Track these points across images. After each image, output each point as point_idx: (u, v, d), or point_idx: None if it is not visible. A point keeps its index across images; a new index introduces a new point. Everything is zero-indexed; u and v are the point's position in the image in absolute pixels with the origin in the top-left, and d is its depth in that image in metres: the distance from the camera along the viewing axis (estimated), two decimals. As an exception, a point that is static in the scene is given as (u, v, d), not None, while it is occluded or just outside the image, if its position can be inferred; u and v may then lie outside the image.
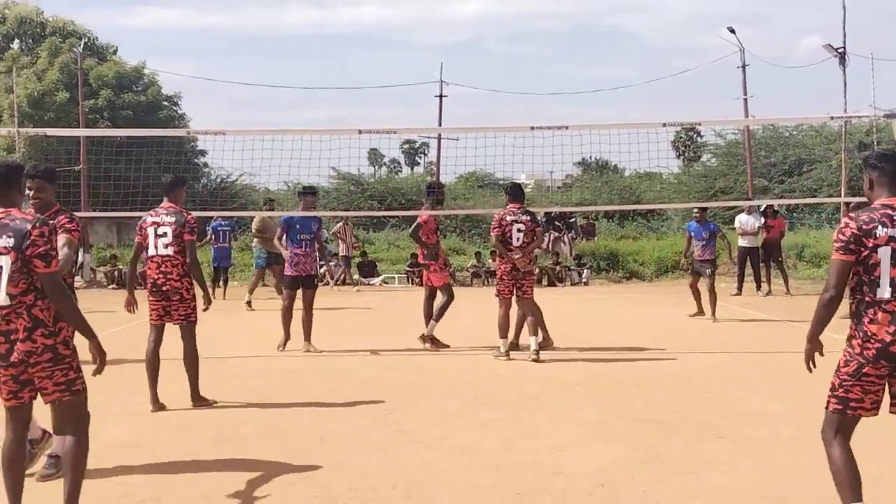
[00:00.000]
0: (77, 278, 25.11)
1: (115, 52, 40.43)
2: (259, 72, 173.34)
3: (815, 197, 31.20)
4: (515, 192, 11.74)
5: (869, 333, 4.79)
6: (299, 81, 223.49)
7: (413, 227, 12.78)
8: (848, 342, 4.93)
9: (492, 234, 11.62)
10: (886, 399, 4.94)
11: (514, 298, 11.45)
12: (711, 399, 8.94)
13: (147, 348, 8.66)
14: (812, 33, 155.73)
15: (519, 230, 11.33)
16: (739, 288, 20.27)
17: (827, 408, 4.97)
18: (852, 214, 4.95)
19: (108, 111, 35.46)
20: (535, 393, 9.32)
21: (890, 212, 4.83)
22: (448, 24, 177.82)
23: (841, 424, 4.91)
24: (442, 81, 27.66)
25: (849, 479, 4.83)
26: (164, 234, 8.68)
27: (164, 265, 8.65)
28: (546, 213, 25.42)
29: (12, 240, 4.97)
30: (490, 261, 25.52)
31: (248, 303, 17.49)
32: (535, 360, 10.98)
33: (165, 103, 39.23)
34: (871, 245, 4.77)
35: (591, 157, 48.87)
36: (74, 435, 5.18)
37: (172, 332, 8.81)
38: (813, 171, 33.96)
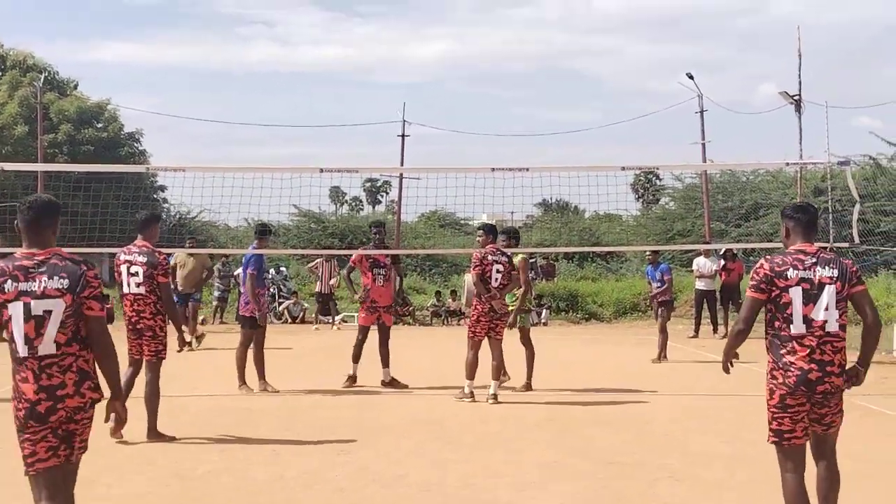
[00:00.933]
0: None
1: (75, 87, 40.22)
2: (223, 108, 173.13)
3: (771, 241, 31.57)
4: (495, 231, 11.68)
5: (788, 363, 5.25)
6: (263, 118, 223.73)
7: (347, 268, 12.96)
8: (770, 375, 5.35)
9: (472, 272, 11.38)
10: None
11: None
12: (669, 441, 9.00)
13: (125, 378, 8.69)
14: (769, 80, 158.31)
15: (498, 271, 11.19)
16: (696, 330, 20.45)
17: (769, 441, 5.41)
18: (768, 257, 5.41)
19: (67, 146, 35.18)
20: (495, 432, 9.33)
21: (802, 256, 5.35)
22: (412, 64, 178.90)
23: (786, 455, 5.33)
24: (404, 121, 27.76)
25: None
26: (136, 274, 8.81)
27: (136, 303, 8.79)
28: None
29: (67, 281, 4.64)
30: (450, 301, 25.56)
31: (197, 338, 17.26)
32: (494, 403, 10.99)
33: (127, 140, 38.99)
34: (782, 285, 5.27)
35: (551, 199, 49.03)
36: (72, 494, 4.78)
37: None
38: (769, 215, 34.39)
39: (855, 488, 7.11)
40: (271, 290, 25.99)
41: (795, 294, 5.24)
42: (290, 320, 24.80)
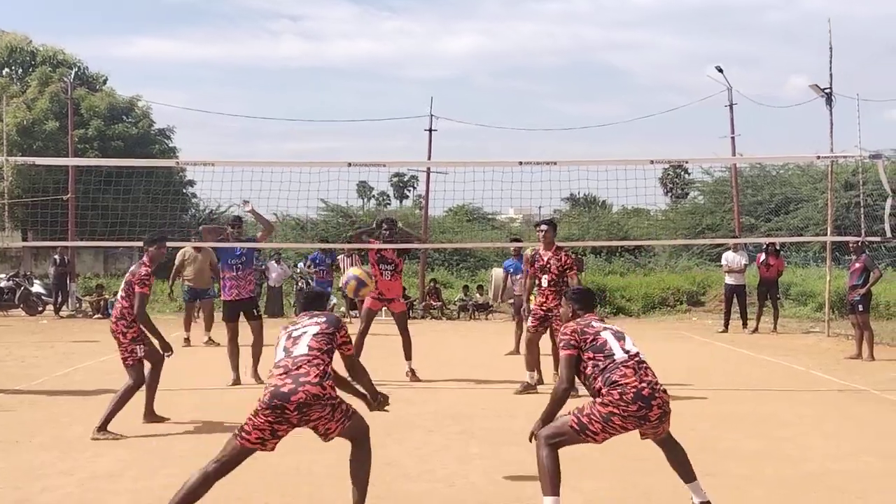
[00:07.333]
0: (63, 308, 25.03)
1: (105, 82, 40.46)
2: (251, 103, 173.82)
3: (801, 235, 31.36)
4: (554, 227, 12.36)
5: (624, 384, 5.70)
6: (291, 113, 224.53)
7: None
8: (603, 396, 5.73)
9: (526, 268, 12.12)
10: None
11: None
12: (697, 437, 8.90)
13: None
14: (799, 73, 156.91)
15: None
16: (726, 325, 20.33)
17: (567, 421, 5.82)
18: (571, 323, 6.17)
19: (98, 141, 35.39)
20: (523, 427, 9.27)
21: (595, 319, 6.25)
22: (440, 59, 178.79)
23: (566, 438, 5.81)
24: (432, 115, 27.67)
25: (554, 476, 5.78)
26: None
27: None
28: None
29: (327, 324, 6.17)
30: (477, 295, 25.58)
31: (209, 340, 17.10)
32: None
33: (158, 137, 39.16)
34: (592, 332, 6.00)
35: (579, 193, 48.87)
36: (366, 443, 6.11)
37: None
38: (799, 209, 34.15)
39: (884, 485, 7.05)
40: (300, 283, 26.10)
41: (607, 334, 6.00)
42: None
